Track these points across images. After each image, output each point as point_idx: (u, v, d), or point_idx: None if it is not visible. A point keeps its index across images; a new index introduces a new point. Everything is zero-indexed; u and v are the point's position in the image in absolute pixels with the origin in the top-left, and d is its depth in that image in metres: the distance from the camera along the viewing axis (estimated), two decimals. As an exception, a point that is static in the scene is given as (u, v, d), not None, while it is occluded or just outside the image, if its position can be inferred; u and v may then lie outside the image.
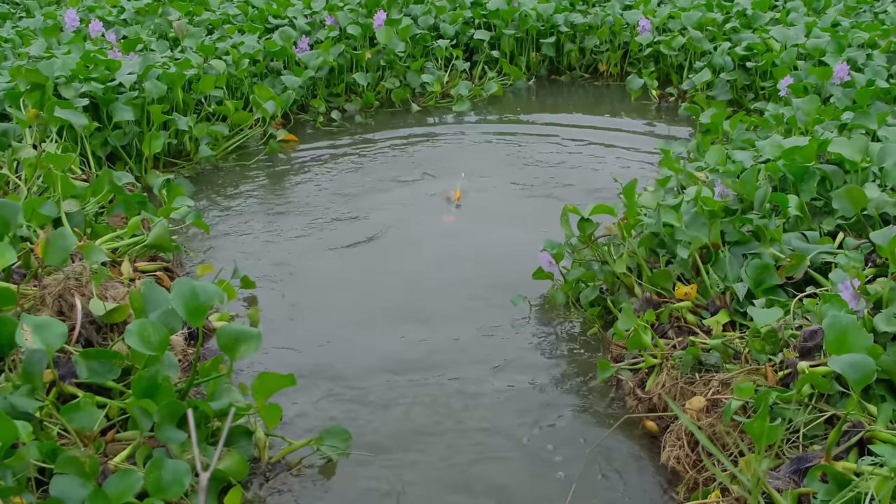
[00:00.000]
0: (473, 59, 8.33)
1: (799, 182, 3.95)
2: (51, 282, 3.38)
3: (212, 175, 5.92)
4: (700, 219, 3.69)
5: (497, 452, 3.16)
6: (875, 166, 3.97)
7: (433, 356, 3.79)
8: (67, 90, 5.39)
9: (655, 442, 3.16)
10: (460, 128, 6.98)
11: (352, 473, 3.05)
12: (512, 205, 5.41)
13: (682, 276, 3.72)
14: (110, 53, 6.27)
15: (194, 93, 6.23)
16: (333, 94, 7.50)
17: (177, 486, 2.54)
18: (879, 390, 2.78)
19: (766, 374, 2.94)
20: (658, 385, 3.24)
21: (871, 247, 3.37)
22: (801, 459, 2.58)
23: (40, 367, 2.76)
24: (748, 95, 7.18)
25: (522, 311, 4.11)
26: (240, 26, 7.70)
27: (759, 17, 8.01)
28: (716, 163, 4.60)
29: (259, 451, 3.04)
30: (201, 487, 2.43)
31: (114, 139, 5.56)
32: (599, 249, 4.05)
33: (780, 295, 3.38)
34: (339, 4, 8.07)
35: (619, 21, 8.28)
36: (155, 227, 4.10)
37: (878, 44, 6.74)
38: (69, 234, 3.40)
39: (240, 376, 3.54)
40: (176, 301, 2.86)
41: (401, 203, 5.45)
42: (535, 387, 3.56)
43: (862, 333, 2.63)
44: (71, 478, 2.48)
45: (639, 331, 3.33)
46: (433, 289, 4.38)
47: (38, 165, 4.37)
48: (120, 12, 8.05)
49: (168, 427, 2.72)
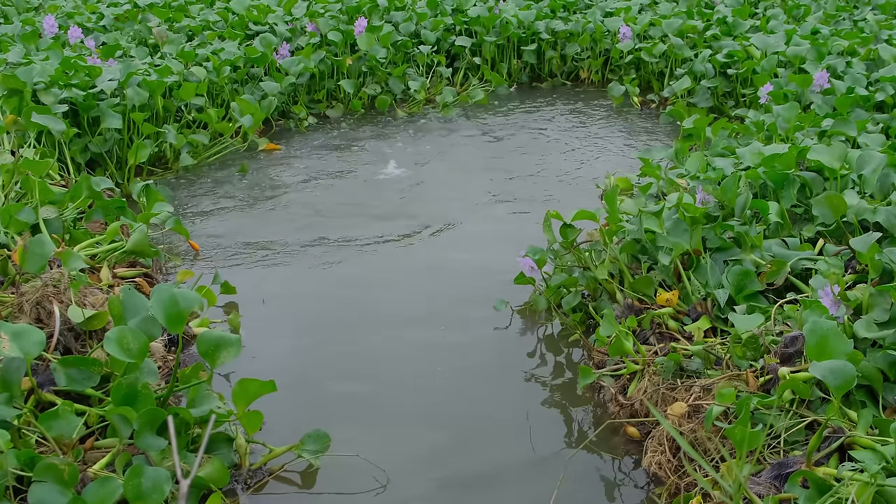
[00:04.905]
0: (455, 66, 8.34)
1: (779, 189, 3.97)
2: (29, 289, 3.35)
3: (192, 182, 5.89)
4: (681, 225, 3.70)
5: (478, 458, 3.15)
6: (854, 173, 3.99)
7: (412, 362, 3.79)
8: (47, 96, 5.36)
9: (637, 447, 3.16)
10: (444, 134, 6.97)
11: (334, 477, 3.03)
12: (492, 212, 5.41)
13: (663, 283, 3.72)
14: (89, 60, 6.24)
15: (175, 100, 6.20)
16: (315, 101, 7.49)
17: (157, 493, 2.51)
18: (860, 396, 2.79)
19: (747, 380, 2.95)
20: (640, 391, 3.24)
21: (851, 253, 3.39)
22: (782, 465, 2.59)
23: (18, 374, 2.74)
24: (729, 102, 7.21)
25: (504, 317, 4.11)
26: (220, 33, 7.67)
27: (740, 24, 8.06)
28: (696, 170, 4.61)
29: (240, 458, 3.02)
30: (182, 495, 2.41)
31: (94, 145, 5.53)
32: (581, 255, 4.06)
33: (761, 301, 3.39)
34: (320, 11, 8.06)
35: (600, 28, 8.31)
36: (134, 232, 4.08)
37: (858, 51, 6.80)
38: (47, 241, 3.38)
39: (220, 382, 3.52)
40: (155, 308, 2.85)
41: (381, 210, 5.44)
42: (517, 392, 3.56)
43: (842, 339, 2.64)
44: (49, 486, 2.46)
45: (620, 337, 3.33)
46: (413, 296, 4.37)
47: (15, 171, 4.33)
48: (99, 18, 8.00)
49: (148, 434, 2.70)
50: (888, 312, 2.91)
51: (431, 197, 5.64)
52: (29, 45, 6.82)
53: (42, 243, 3.35)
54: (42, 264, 3.34)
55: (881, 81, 5.88)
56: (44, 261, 3.34)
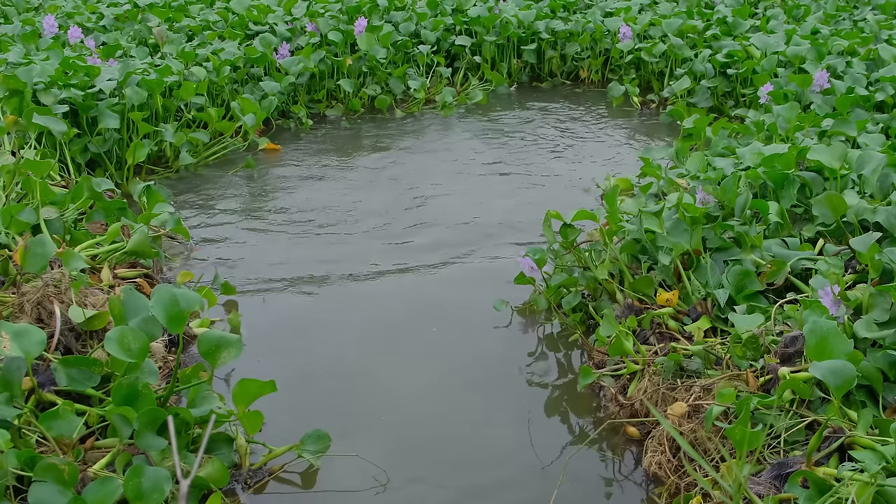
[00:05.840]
0: (455, 66, 8.34)
1: (779, 189, 3.97)
2: (29, 289, 3.35)
3: (193, 182, 5.89)
4: (682, 225, 3.70)
5: (478, 458, 3.15)
6: (854, 173, 4.00)
7: (411, 362, 3.79)
8: (46, 96, 5.36)
9: (637, 447, 3.16)
10: (444, 134, 6.97)
11: (334, 477, 3.03)
12: (492, 211, 5.40)
13: (663, 283, 3.73)
14: (89, 60, 6.24)
15: (175, 99, 6.20)
16: (314, 101, 7.49)
17: (157, 493, 2.51)
18: (860, 396, 2.80)
19: (747, 380, 2.95)
20: (640, 391, 3.24)
21: (851, 253, 3.39)
22: (782, 465, 2.59)
23: (19, 374, 2.74)
24: (729, 102, 7.21)
25: (504, 317, 4.11)
26: (220, 32, 7.67)
27: (740, 24, 8.06)
28: (696, 170, 4.62)
29: (240, 458, 3.02)
30: (182, 495, 2.42)
31: (94, 145, 5.53)
32: (581, 255, 4.06)
33: (761, 301, 3.39)
34: (320, 11, 8.06)
35: (600, 28, 8.31)
36: (135, 233, 4.08)
37: (858, 51, 6.80)
38: (48, 241, 3.38)
39: (220, 382, 3.52)
40: (156, 308, 2.85)
41: (380, 210, 5.44)
42: (517, 392, 3.56)
43: (842, 339, 2.65)
44: (50, 486, 2.46)
45: (620, 337, 3.33)
46: (413, 296, 4.37)
47: (16, 172, 4.34)
48: (99, 18, 8.00)
49: (148, 434, 2.70)
50: (888, 312, 2.91)
51: (431, 196, 5.64)
52: (29, 45, 6.82)
53: (43, 244, 3.35)
54: (43, 264, 3.34)
55: (881, 81, 5.88)
56: (45, 261, 3.34)
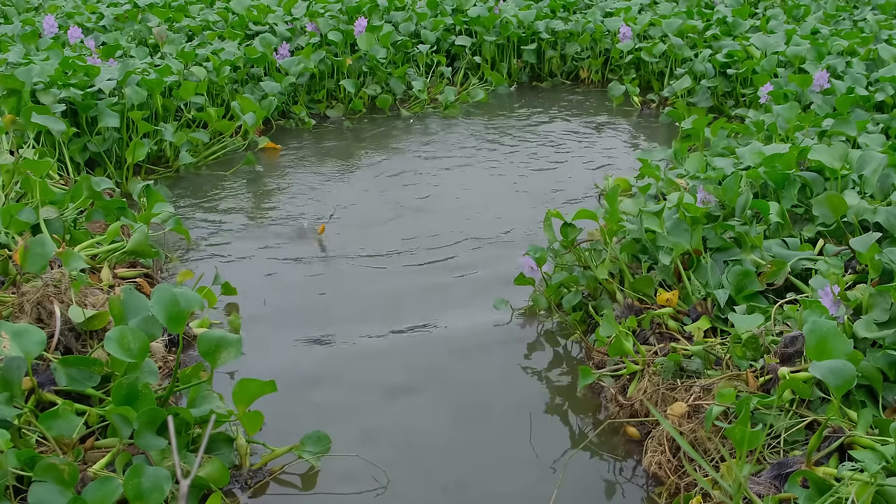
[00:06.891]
0: (455, 66, 8.35)
1: (780, 189, 3.97)
2: (29, 289, 3.36)
3: (192, 181, 5.89)
4: (682, 225, 3.70)
5: (478, 457, 3.15)
6: (855, 173, 4.00)
7: (411, 361, 3.79)
8: (46, 96, 5.36)
9: (637, 447, 3.16)
10: (445, 133, 6.97)
11: (334, 478, 3.03)
12: (491, 211, 5.40)
13: (663, 282, 3.73)
14: (89, 60, 6.24)
15: (175, 99, 6.20)
16: (315, 101, 7.49)
17: (157, 493, 2.51)
18: (859, 396, 2.80)
19: (747, 380, 2.95)
20: (640, 391, 3.24)
21: (851, 253, 3.39)
22: (782, 465, 2.59)
23: (19, 374, 2.74)
24: (729, 102, 7.21)
25: (504, 316, 4.11)
26: (220, 33, 7.67)
27: (740, 24, 8.06)
28: (695, 170, 4.62)
29: (240, 458, 3.02)
30: (182, 495, 2.41)
31: (93, 145, 5.53)
32: (582, 255, 4.06)
33: (761, 301, 3.39)
34: (320, 11, 8.06)
35: (599, 28, 8.31)
36: (135, 233, 4.08)
37: (858, 51, 6.79)
38: (48, 241, 3.38)
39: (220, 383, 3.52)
40: (156, 308, 2.85)
41: (380, 209, 5.44)
42: (516, 392, 3.56)
43: (842, 339, 2.64)
44: (49, 486, 2.46)
45: (620, 337, 3.33)
46: (414, 296, 4.37)
47: (15, 171, 4.33)
48: (99, 18, 8.00)
49: (148, 434, 2.70)
50: (888, 312, 2.91)
51: (430, 196, 5.64)
52: (29, 45, 6.82)
53: (43, 243, 3.35)
54: (43, 264, 3.34)
55: (881, 81, 5.88)
56: (44, 261, 3.34)
